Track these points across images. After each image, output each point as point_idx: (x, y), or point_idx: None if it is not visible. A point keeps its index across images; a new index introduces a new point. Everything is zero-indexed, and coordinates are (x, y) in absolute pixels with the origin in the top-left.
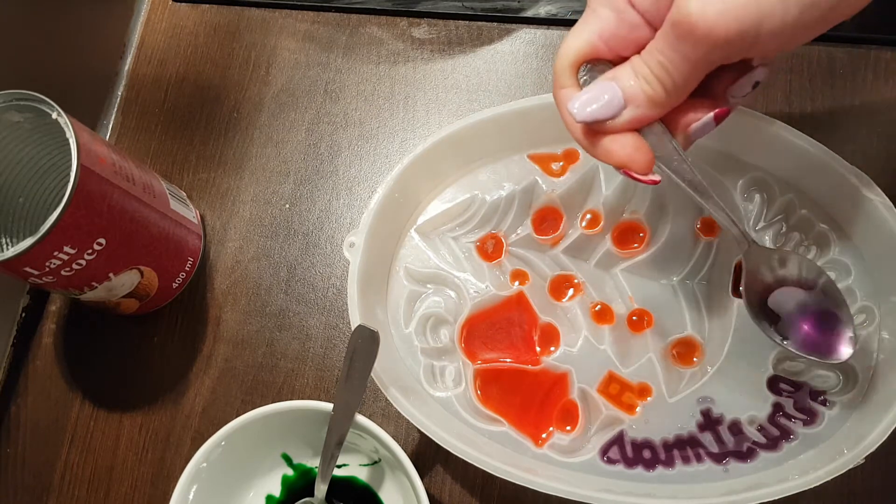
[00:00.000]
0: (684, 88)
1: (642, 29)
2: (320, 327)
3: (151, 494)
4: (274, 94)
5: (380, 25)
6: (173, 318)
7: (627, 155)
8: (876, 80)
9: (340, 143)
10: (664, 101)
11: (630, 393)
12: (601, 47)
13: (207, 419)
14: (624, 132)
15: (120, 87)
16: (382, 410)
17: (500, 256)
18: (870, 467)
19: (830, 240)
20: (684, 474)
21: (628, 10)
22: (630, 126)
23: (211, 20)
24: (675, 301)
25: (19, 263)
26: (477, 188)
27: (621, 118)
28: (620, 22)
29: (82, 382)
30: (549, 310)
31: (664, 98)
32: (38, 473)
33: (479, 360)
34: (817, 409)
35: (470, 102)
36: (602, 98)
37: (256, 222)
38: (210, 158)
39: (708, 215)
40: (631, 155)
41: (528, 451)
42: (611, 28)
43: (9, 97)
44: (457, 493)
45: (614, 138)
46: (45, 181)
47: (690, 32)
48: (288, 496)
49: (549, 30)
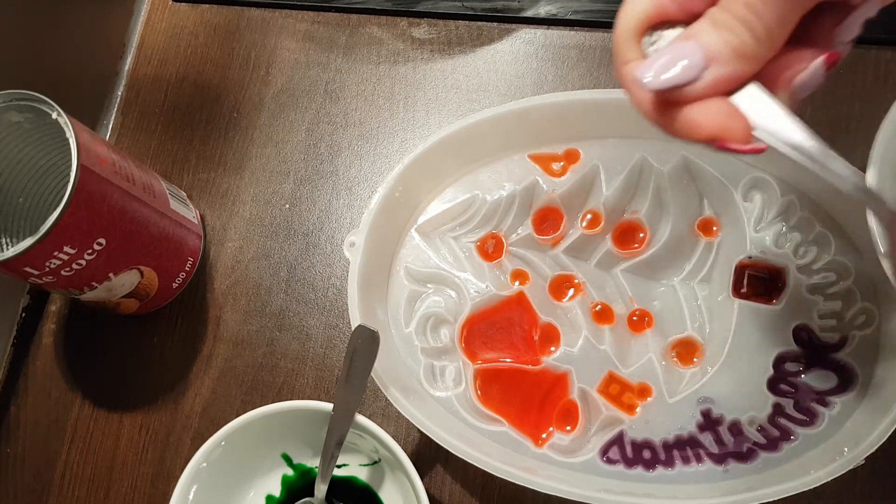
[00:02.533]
0: (779, 34)
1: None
2: (320, 327)
3: (151, 494)
4: (274, 94)
5: (380, 25)
6: (173, 318)
7: (719, 123)
8: (876, 80)
9: (340, 143)
10: (755, 52)
11: (630, 393)
12: (669, 6)
13: (207, 419)
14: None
15: (120, 87)
16: (382, 410)
17: (501, 256)
18: (870, 468)
19: (831, 240)
20: (684, 475)
21: None
22: (716, 89)
23: (211, 20)
24: (675, 301)
25: (19, 263)
26: (477, 188)
27: (703, 80)
28: None
29: (82, 382)
30: (550, 310)
31: (755, 48)
32: (38, 473)
33: (479, 360)
34: (817, 410)
35: (470, 102)
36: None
37: (256, 222)
38: (210, 158)
39: (708, 216)
40: (724, 122)
41: (527, 451)
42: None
43: (9, 97)
44: (457, 493)
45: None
46: (45, 181)
47: None
48: (288, 496)
49: (549, 30)
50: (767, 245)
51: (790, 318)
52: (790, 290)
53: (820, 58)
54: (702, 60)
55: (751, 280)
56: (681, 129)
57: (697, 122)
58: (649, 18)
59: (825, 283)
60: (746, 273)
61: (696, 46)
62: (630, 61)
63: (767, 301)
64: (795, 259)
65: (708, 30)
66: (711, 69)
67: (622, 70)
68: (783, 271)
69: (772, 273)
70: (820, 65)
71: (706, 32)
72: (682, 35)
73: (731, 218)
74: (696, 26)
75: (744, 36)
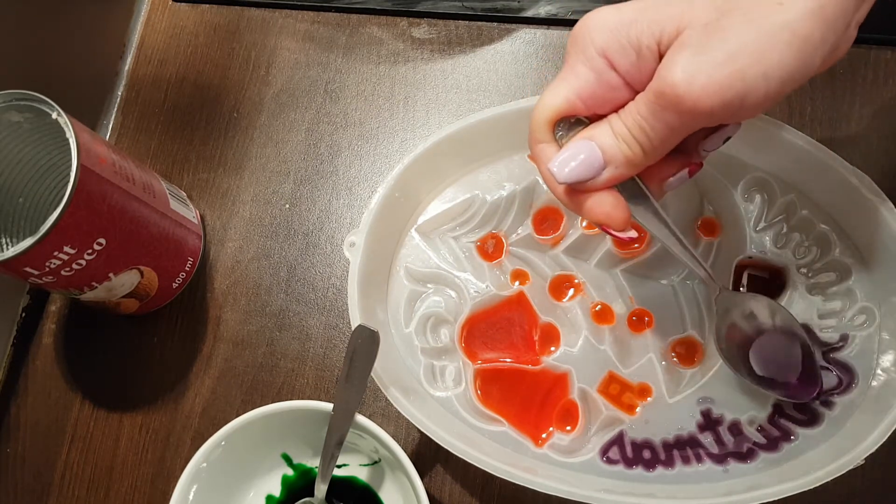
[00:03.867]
0: (662, 150)
1: (621, 90)
2: (320, 327)
3: (151, 494)
4: (274, 94)
5: (380, 25)
6: (173, 318)
7: (605, 213)
8: (876, 80)
9: (340, 143)
10: (642, 162)
11: (630, 393)
12: (578, 105)
13: (207, 419)
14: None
15: (120, 87)
16: (382, 410)
17: (501, 256)
18: (870, 468)
19: (831, 240)
20: (684, 475)
21: (608, 72)
22: (608, 185)
23: (211, 20)
24: (675, 301)
25: (19, 263)
26: (477, 188)
27: (601, 178)
28: (600, 82)
29: (82, 382)
30: (550, 310)
31: (642, 159)
32: (38, 473)
33: (479, 360)
34: (817, 410)
35: (470, 102)
36: (579, 157)
37: (256, 222)
38: (210, 158)
39: (709, 215)
40: (609, 213)
41: (527, 451)
42: (589, 88)
43: (9, 97)
44: (457, 493)
45: (593, 197)
46: (45, 181)
47: (675, 104)
48: (288, 496)
49: (549, 30)
50: (767, 245)
51: None
52: (790, 290)
53: (685, 169)
54: (601, 161)
55: (751, 280)
56: (578, 211)
57: (591, 209)
58: (561, 112)
59: (825, 283)
60: (746, 273)
61: (596, 148)
62: (541, 142)
63: None
64: (795, 259)
65: (608, 135)
66: (608, 170)
67: (535, 148)
68: (783, 271)
69: (772, 273)
70: (685, 173)
71: (606, 137)
72: (584, 134)
73: (731, 218)
74: (598, 129)
75: (636, 149)
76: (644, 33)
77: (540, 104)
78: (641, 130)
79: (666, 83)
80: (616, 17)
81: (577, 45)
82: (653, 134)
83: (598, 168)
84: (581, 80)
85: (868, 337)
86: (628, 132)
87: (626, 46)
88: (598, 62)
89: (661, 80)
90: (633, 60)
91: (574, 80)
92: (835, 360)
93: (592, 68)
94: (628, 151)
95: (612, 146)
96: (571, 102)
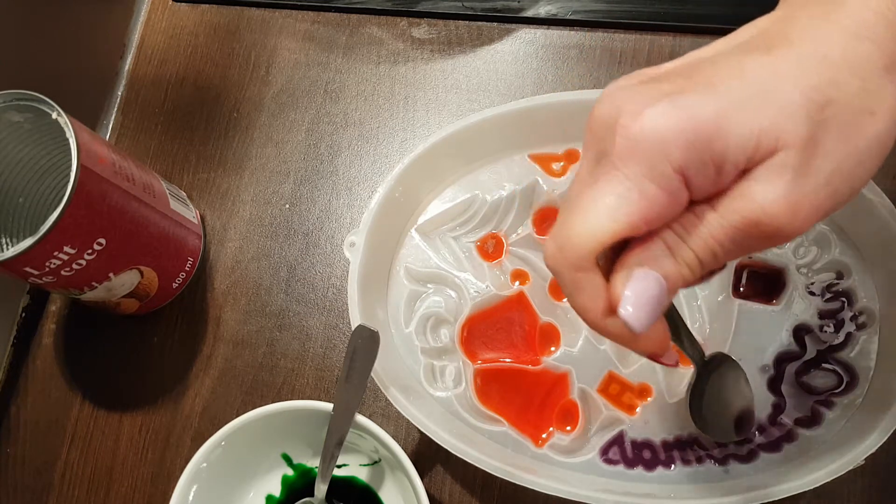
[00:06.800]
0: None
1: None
2: (320, 327)
3: (151, 494)
4: (274, 94)
5: (380, 25)
6: (173, 318)
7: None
8: None
9: (340, 143)
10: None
11: (630, 393)
12: (643, 230)
13: (207, 419)
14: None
15: (120, 87)
16: (382, 410)
17: (501, 256)
18: (870, 468)
19: (830, 240)
20: (684, 475)
21: (682, 191)
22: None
23: (211, 20)
24: (676, 301)
25: (19, 263)
26: (477, 188)
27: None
28: (671, 203)
29: (82, 382)
30: (550, 310)
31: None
32: (38, 473)
33: (479, 360)
34: (817, 410)
35: (470, 102)
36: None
37: (256, 222)
38: (210, 158)
39: None
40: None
41: (527, 451)
42: (658, 209)
43: (9, 97)
44: (457, 493)
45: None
46: (45, 181)
47: (771, 234)
48: (288, 496)
49: (549, 30)
50: None
51: (790, 318)
52: (790, 290)
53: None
54: (667, 293)
55: (751, 280)
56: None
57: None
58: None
59: (825, 283)
60: (746, 273)
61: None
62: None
63: (767, 301)
64: (795, 259)
65: (671, 263)
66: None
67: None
68: (783, 271)
69: (772, 273)
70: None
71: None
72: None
73: None
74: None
75: (697, 271)
76: (731, 149)
77: (585, 224)
78: (713, 255)
79: (765, 213)
80: (691, 124)
81: (641, 156)
82: (725, 258)
83: (666, 303)
84: (649, 200)
85: (868, 337)
86: (694, 256)
87: (707, 164)
88: (675, 182)
89: (757, 207)
90: (710, 177)
91: (641, 202)
92: (835, 360)
93: (665, 188)
94: (690, 276)
95: (674, 273)
96: (636, 227)
